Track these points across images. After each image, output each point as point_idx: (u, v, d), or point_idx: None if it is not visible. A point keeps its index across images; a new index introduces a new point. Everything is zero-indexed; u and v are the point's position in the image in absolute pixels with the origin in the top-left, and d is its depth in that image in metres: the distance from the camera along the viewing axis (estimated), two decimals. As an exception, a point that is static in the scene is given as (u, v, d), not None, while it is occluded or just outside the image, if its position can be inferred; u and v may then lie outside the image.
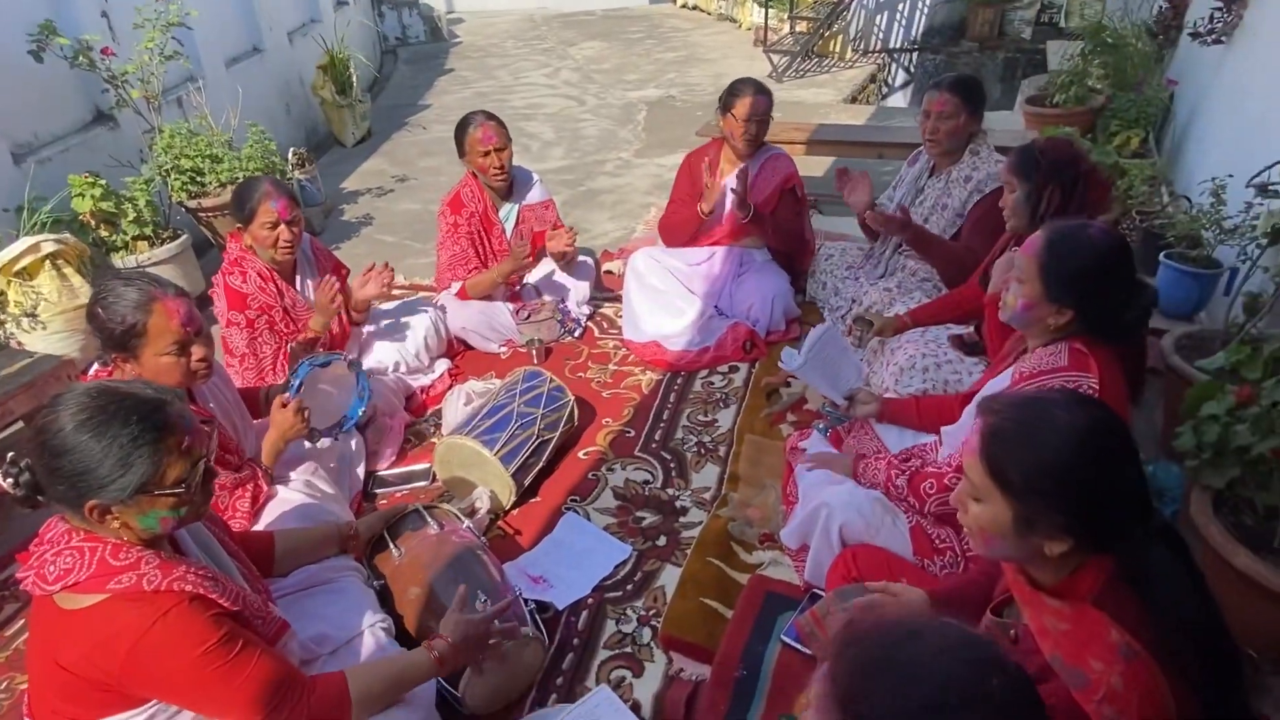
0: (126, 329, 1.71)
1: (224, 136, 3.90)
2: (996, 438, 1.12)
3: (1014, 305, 1.68)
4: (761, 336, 3.10)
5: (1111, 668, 1.01)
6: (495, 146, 3.00)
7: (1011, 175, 2.13)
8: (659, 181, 5.10)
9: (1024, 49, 8.52)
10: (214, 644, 1.24)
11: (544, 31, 10.87)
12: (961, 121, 2.76)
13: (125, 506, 1.22)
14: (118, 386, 1.26)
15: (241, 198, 2.43)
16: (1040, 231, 1.69)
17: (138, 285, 1.74)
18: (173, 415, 1.26)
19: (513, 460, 2.29)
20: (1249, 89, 3.28)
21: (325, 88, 5.94)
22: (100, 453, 1.19)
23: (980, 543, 1.20)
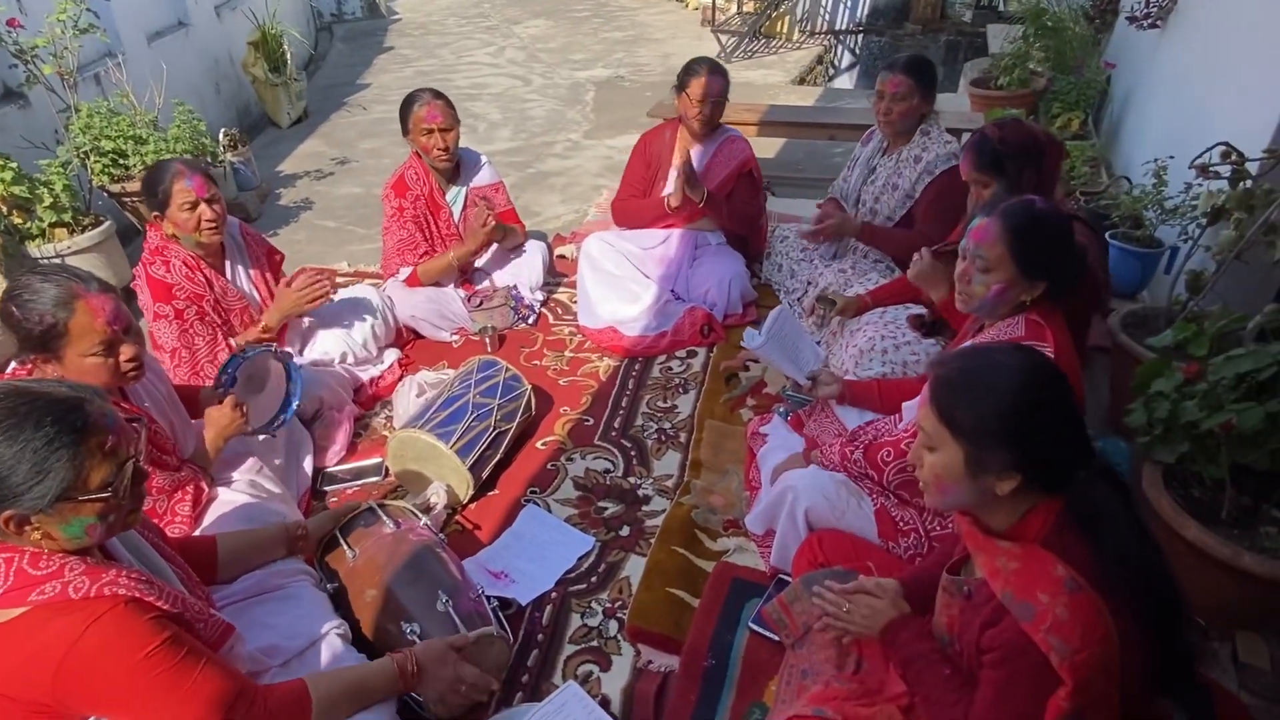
0: (46, 329, 1.58)
1: (148, 116, 3.67)
2: (946, 385, 1.20)
3: (983, 294, 1.68)
4: (719, 320, 3.07)
5: (1056, 599, 1.08)
6: (440, 126, 2.88)
7: (981, 174, 2.08)
8: (610, 164, 5.02)
9: (965, 32, 8.66)
10: (156, 647, 1.15)
11: (487, 9, 10.60)
12: (915, 103, 2.76)
13: (46, 515, 1.12)
14: (28, 386, 1.15)
15: (152, 182, 2.27)
16: (993, 221, 1.67)
17: (56, 280, 1.60)
18: (93, 414, 1.15)
19: (469, 453, 2.21)
20: (1184, 72, 3.37)
21: (257, 65, 5.67)
22: (12, 459, 1.08)
23: (936, 493, 1.25)
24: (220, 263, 2.47)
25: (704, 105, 3.00)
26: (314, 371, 2.56)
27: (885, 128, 2.86)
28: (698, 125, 3.07)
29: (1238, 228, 2.13)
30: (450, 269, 3.01)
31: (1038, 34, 4.73)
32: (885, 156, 2.96)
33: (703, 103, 3.00)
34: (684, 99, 3.05)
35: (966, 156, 2.11)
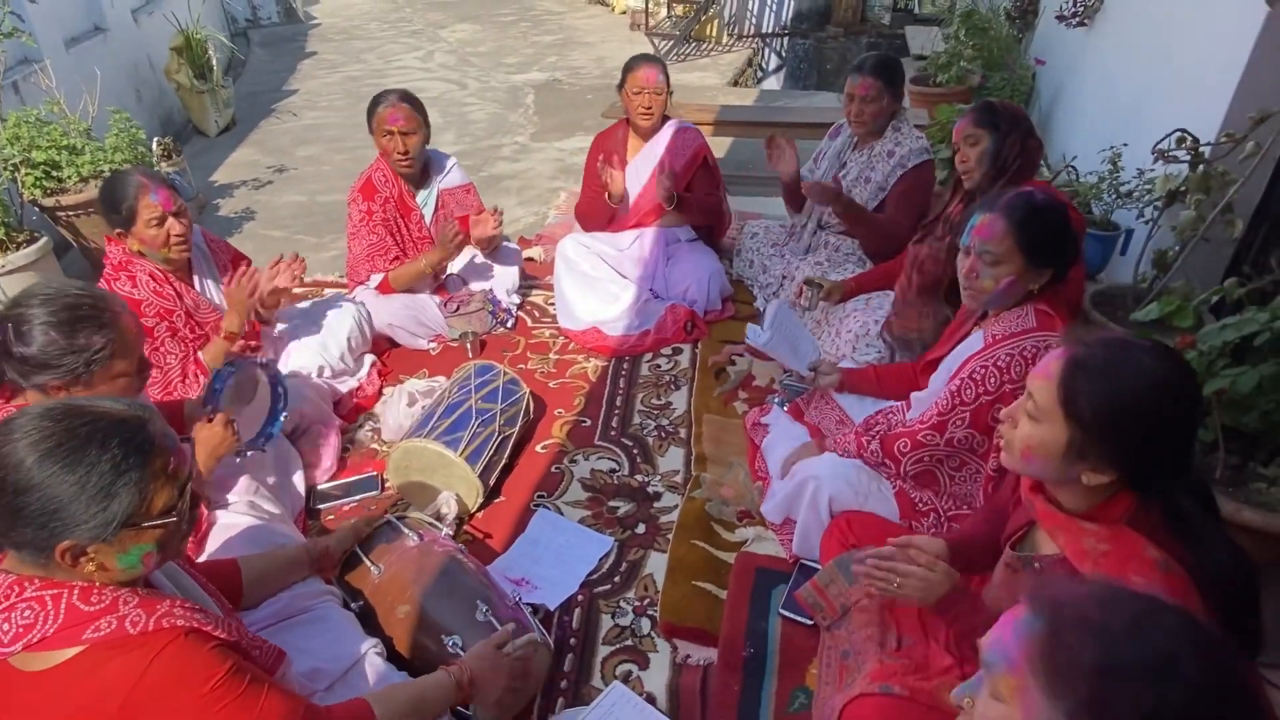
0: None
1: (82, 125, 3.44)
2: (1079, 367, 1.15)
3: (993, 288, 1.72)
4: (700, 316, 3.09)
5: (1151, 580, 1.09)
6: (401, 129, 2.78)
7: (977, 128, 2.22)
8: (562, 165, 4.99)
9: (884, 34, 8.98)
10: (220, 679, 1.07)
11: (409, 14, 10.37)
12: (884, 103, 2.82)
13: (105, 545, 1.03)
14: (86, 405, 1.06)
15: (114, 198, 2.12)
16: (996, 216, 1.72)
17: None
18: (156, 434, 1.07)
19: (478, 460, 2.16)
20: (1111, 67, 3.59)
21: (181, 72, 5.38)
22: (75, 485, 0.99)
23: (1020, 460, 1.24)
24: (188, 275, 2.33)
25: (643, 96, 3.02)
26: (292, 384, 2.44)
27: (857, 127, 2.92)
28: (642, 118, 3.08)
29: (1197, 208, 2.29)
30: (422, 276, 2.93)
31: (968, 33, 4.96)
32: (856, 151, 3.04)
33: (641, 94, 3.02)
34: (625, 95, 3.07)
35: (968, 115, 2.25)
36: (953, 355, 1.94)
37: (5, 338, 1.46)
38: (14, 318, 1.47)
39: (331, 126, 5.90)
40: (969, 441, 1.82)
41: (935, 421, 1.83)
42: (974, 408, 1.77)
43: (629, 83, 3.02)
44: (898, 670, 1.48)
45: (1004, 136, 2.20)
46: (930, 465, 1.89)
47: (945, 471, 1.92)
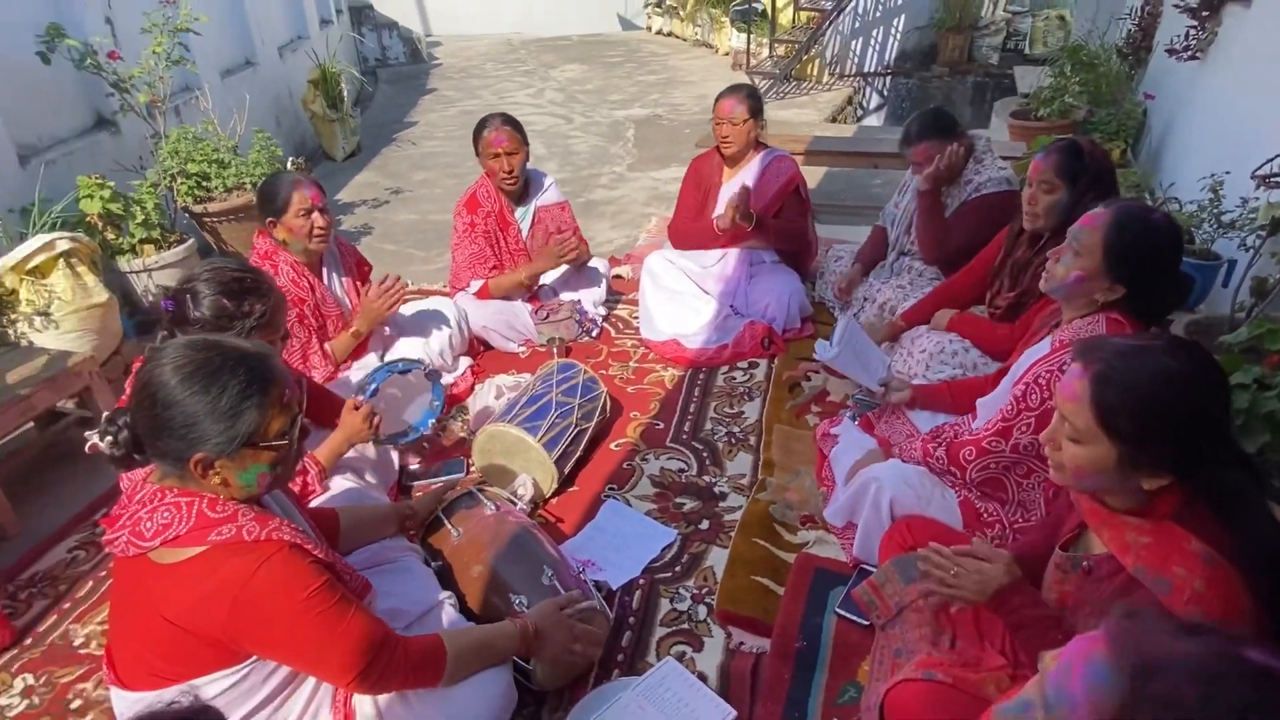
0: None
1: (230, 142, 3.88)
2: (1106, 383, 1.15)
3: (1063, 276, 1.73)
4: (779, 333, 3.16)
5: (1194, 573, 1.09)
6: (506, 150, 3.02)
7: (1056, 177, 2.15)
8: (656, 193, 5.19)
9: (992, 73, 8.85)
10: (316, 589, 1.23)
11: (522, 55, 10.99)
12: (949, 149, 2.79)
13: (229, 460, 1.22)
14: (216, 339, 1.26)
15: (271, 192, 2.43)
16: (1106, 209, 1.71)
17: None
18: (276, 367, 1.26)
19: (554, 447, 2.30)
20: (1221, 98, 3.48)
21: (316, 102, 5.94)
22: (209, 404, 1.19)
23: (1070, 477, 1.25)
24: (319, 270, 2.60)
25: (723, 125, 3.13)
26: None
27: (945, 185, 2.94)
28: (723, 146, 3.20)
29: (1301, 234, 2.21)
30: (519, 285, 3.14)
31: (1074, 69, 4.88)
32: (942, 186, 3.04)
33: (721, 124, 3.13)
34: (714, 125, 3.19)
35: (1050, 155, 2.17)
36: (1020, 360, 1.95)
37: (183, 306, 1.71)
38: (190, 290, 1.74)
39: (446, 155, 6.33)
40: (1035, 448, 1.80)
41: (1000, 427, 1.83)
42: (1039, 413, 1.75)
43: (714, 113, 3.17)
44: (945, 661, 1.50)
45: (1082, 193, 2.11)
46: (997, 472, 1.89)
47: (1013, 479, 1.91)
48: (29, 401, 2.37)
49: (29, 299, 2.76)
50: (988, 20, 8.92)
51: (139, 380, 1.23)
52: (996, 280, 2.54)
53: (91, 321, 2.87)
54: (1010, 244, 2.49)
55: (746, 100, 3.15)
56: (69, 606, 2.08)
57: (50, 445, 2.69)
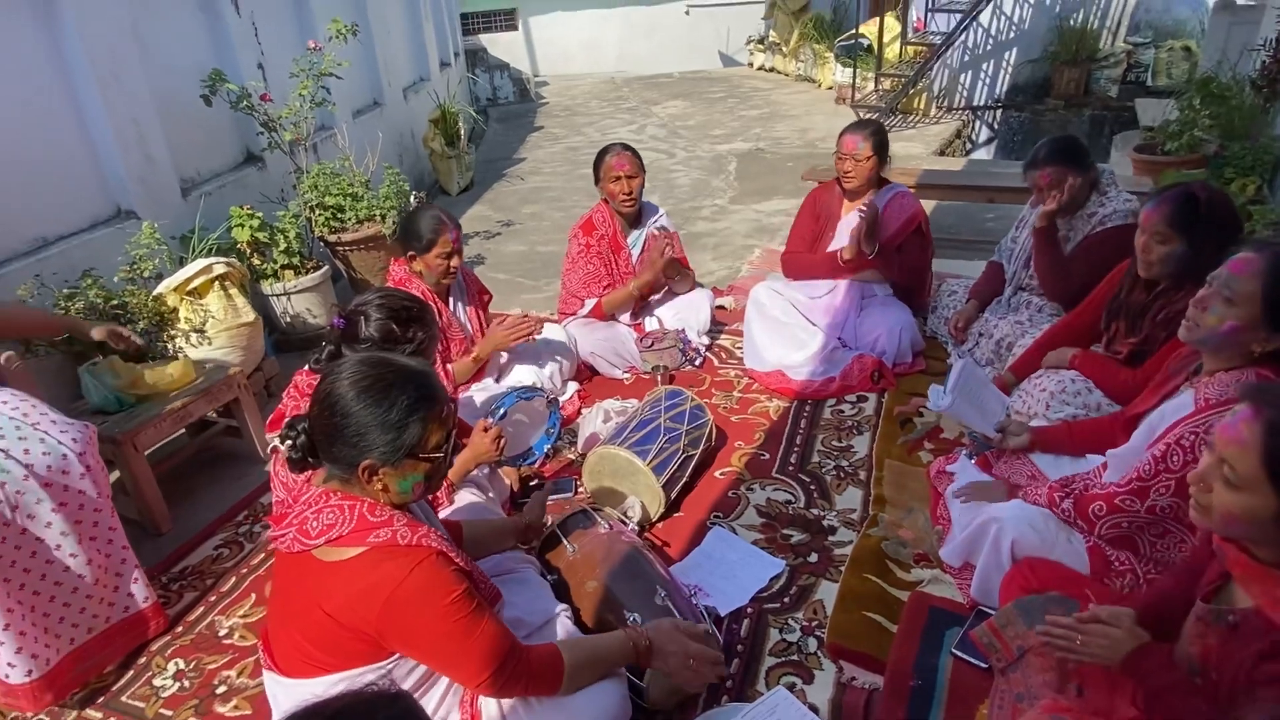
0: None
1: (363, 178, 4.17)
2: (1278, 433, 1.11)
3: (1215, 326, 1.63)
4: (889, 367, 3.11)
5: None
6: (627, 174, 3.19)
7: (1169, 228, 2.06)
8: (759, 225, 5.23)
9: (1111, 107, 8.49)
10: (459, 595, 1.31)
11: (625, 93, 11.32)
12: (1070, 183, 2.72)
13: (393, 468, 1.32)
14: (389, 358, 1.38)
15: (419, 227, 2.61)
16: (1259, 256, 1.62)
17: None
18: (439, 386, 1.37)
19: (663, 472, 2.34)
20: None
21: (435, 140, 6.31)
22: (381, 415, 1.30)
23: (1218, 522, 1.20)
24: (446, 297, 2.77)
25: (845, 161, 3.13)
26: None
27: (1060, 215, 2.84)
28: (845, 181, 3.20)
29: None
30: (630, 299, 3.29)
31: (1204, 102, 4.64)
32: (1060, 219, 2.95)
33: (844, 159, 3.14)
34: (836, 159, 3.20)
35: (1161, 205, 2.07)
36: (1157, 414, 1.84)
37: (355, 325, 1.88)
38: (362, 312, 1.91)
39: (553, 189, 6.59)
40: (1174, 510, 1.71)
41: (1135, 487, 1.73)
42: (1180, 475, 1.63)
43: (837, 148, 3.19)
44: (1074, 709, 1.43)
45: (1199, 245, 1.99)
46: (1129, 531, 1.80)
47: (1146, 539, 1.82)
48: (187, 410, 2.61)
49: (187, 317, 3.04)
50: (1106, 52, 8.59)
51: (319, 391, 1.35)
52: (1112, 322, 2.43)
53: (240, 339, 3.13)
54: (1127, 284, 2.37)
55: (872, 137, 3.15)
56: (215, 599, 2.26)
57: (200, 451, 2.93)
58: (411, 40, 7.05)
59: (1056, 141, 2.83)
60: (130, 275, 2.95)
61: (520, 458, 2.41)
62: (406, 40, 6.93)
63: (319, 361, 1.95)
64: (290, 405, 2.00)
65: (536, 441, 2.47)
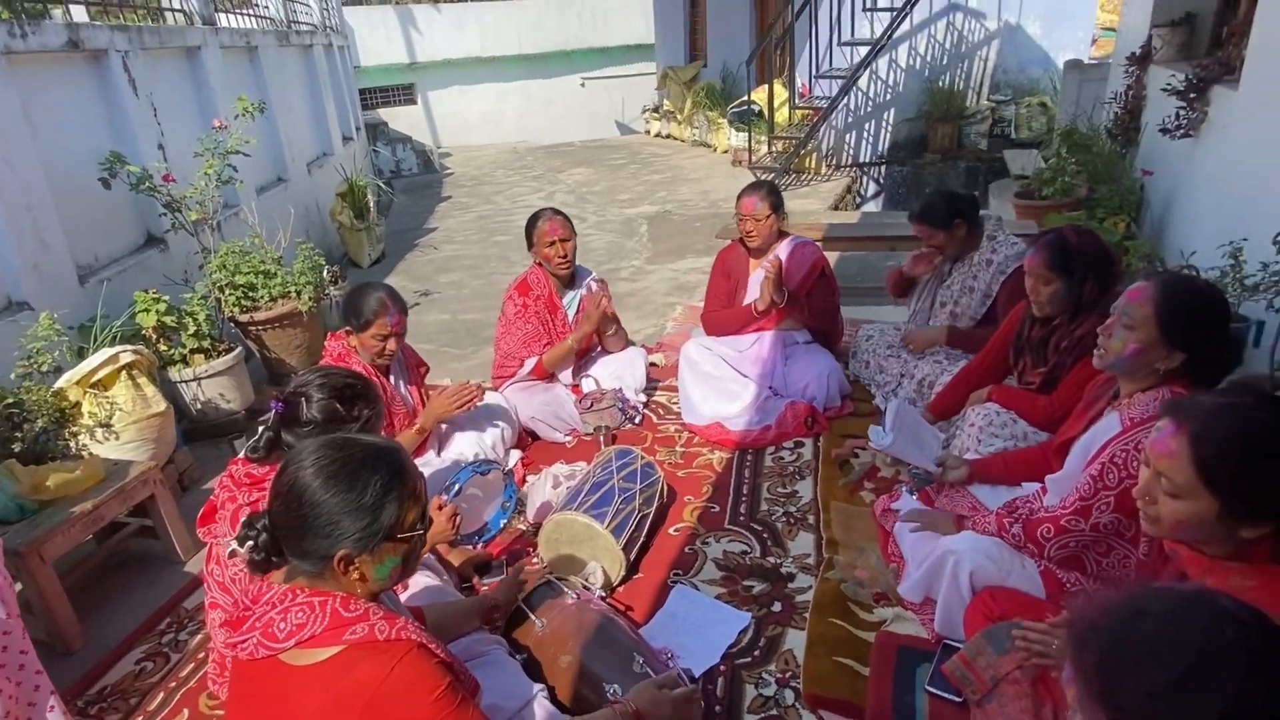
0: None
1: (275, 254, 4.04)
2: (1203, 441, 1.21)
3: (1120, 350, 1.77)
4: (821, 412, 3.21)
5: None
6: (560, 237, 3.24)
7: (1049, 270, 2.26)
8: (677, 284, 5.35)
9: (982, 158, 9.24)
10: (443, 690, 1.23)
11: (530, 161, 11.50)
12: (943, 238, 3.05)
13: (370, 554, 1.24)
14: (351, 438, 1.31)
15: (359, 306, 2.54)
16: (1149, 283, 1.78)
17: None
18: (407, 460, 1.31)
19: (621, 533, 2.31)
20: (1222, 170, 3.66)
21: (343, 213, 6.20)
22: (354, 500, 1.22)
23: (1168, 530, 1.28)
24: (385, 372, 2.69)
25: (746, 221, 3.31)
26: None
27: (944, 261, 3.17)
28: (749, 240, 3.37)
29: (1329, 293, 2.29)
30: (570, 353, 3.30)
31: (1070, 150, 5.13)
32: (959, 263, 3.19)
33: (744, 220, 3.31)
34: (737, 220, 3.37)
35: (1039, 252, 2.28)
36: (1088, 437, 1.97)
37: (295, 408, 1.77)
38: (303, 394, 1.80)
39: (468, 257, 6.55)
40: (1115, 526, 1.81)
41: (1079, 507, 1.83)
42: (1118, 491, 1.76)
43: (737, 210, 3.36)
44: (1056, 732, 1.48)
45: (1080, 281, 2.23)
46: (1077, 551, 1.89)
47: (1092, 557, 1.91)
48: (98, 512, 2.40)
49: (91, 411, 2.82)
50: (973, 109, 9.38)
51: (280, 484, 1.26)
52: (1019, 358, 2.60)
53: (150, 431, 2.92)
54: (1026, 322, 2.56)
55: (768, 197, 3.33)
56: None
57: (109, 556, 2.69)
58: (313, 115, 6.97)
59: (927, 200, 3.14)
60: (27, 370, 2.73)
61: (475, 535, 2.32)
62: (308, 116, 6.85)
63: (256, 450, 1.84)
64: (223, 497, 1.86)
65: (491, 517, 2.38)
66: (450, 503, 2.07)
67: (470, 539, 2.29)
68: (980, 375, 2.72)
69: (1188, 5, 4.98)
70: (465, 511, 2.20)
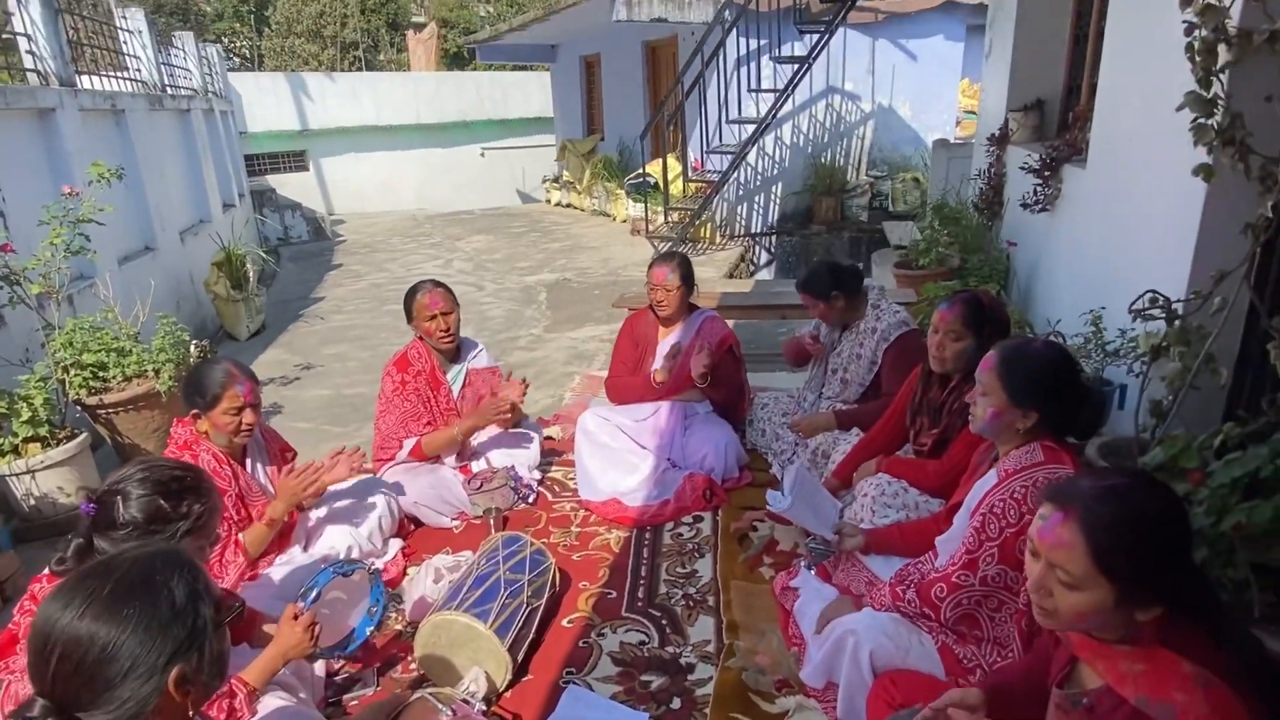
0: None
1: (131, 330, 3.70)
2: (1096, 529, 1.18)
3: (983, 416, 1.86)
4: (719, 484, 3.15)
5: (1193, 696, 1.11)
6: (442, 310, 3.08)
7: (964, 327, 2.36)
8: (576, 352, 5.26)
9: (864, 229, 9.75)
10: None
11: (428, 229, 11.32)
12: (823, 308, 3.17)
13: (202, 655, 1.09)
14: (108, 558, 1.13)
15: (202, 384, 2.30)
16: (994, 350, 1.91)
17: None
18: (181, 550, 1.14)
19: (507, 633, 2.13)
20: (1077, 242, 3.94)
21: (219, 283, 5.84)
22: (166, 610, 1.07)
23: (1067, 622, 1.25)
24: (242, 459, 2.44)
25: (657, 291, 3.31)
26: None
27: (832, 326, 3.29)
28: (659, 309, 3.36)
29: (1181, 360, 2.44)
30: (454, 443, 3.08)
31: (942, 223, 5.44)
32: (847, 331, 3.27)
33: (655, 289, 3.31)
34: (648, 289, 3.36)
35: (954, 307, 2.38)
36: (970, 495, 1.99)
37: (109, 509, 1.53)
38: (118, 491, 1.57)
39: (357, 327, 6.27)
40: (1002, 578, 1.82)
41: (966, 560, 1.84)
42: (1000, 541, 1.79)
43: (648, 279, 3.34)
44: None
45: (986, 342, 2.31)
46: (970, 608, 1.88)
47: (985, 613, 1.90)
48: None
49: (-114, 517, 2.43)
50: (854, 184, 9.94)
51: (44, 654, 1.02)
52: (917, 419, 2.66)
53: (-38, 535, 2.54)
54: (923, 383, 2.63)
55: (679, 269, 3.34)
56: None
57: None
58: (189, 181, 6.62)
59: (812, 270, 3.25)
60: None
61: (338, 647, 2.06)
62: (184, 182, 6.50)
63: (63, 561, 1.59)
64: (25, 624, 1.59)
65: (358, 625, 2.11)
66: (307, 610, 1.84)
67: (332, 651, 2.04)
68: (881, 441, 2.75)
69: (1037, 92, 5.44)
70: (326, 619, 1.97)
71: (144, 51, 6.14)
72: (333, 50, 23.75)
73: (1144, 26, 3.10)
